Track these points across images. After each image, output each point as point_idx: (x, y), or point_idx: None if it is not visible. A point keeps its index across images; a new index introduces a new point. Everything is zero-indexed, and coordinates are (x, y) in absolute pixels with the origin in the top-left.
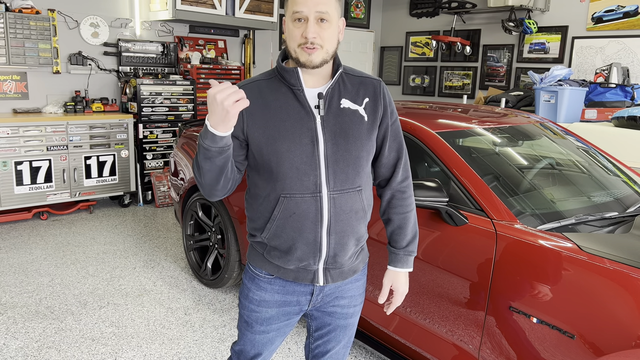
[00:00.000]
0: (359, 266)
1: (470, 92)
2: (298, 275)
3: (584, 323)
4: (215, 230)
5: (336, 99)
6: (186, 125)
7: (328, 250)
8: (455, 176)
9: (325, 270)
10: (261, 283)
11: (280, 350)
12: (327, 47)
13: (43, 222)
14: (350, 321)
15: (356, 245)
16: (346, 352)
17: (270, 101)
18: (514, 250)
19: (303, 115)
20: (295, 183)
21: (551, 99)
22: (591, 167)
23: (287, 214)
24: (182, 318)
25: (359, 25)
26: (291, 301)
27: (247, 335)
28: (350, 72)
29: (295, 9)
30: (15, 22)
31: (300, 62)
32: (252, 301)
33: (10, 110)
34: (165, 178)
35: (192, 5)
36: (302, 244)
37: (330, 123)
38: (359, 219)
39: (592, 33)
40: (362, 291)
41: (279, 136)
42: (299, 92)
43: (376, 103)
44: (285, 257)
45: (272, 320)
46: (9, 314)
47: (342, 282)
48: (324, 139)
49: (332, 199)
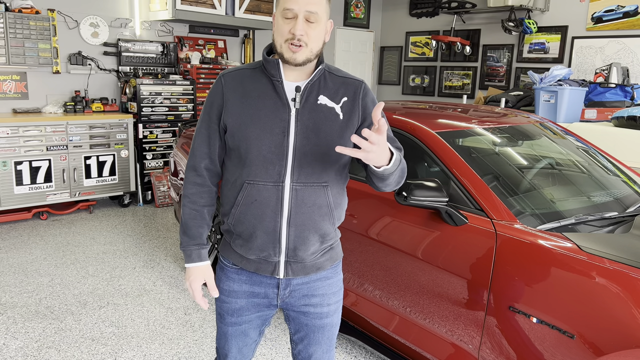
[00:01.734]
0: (325, 264)
1: (470, 92)
2: (259, 267)
3: (583, 323)
4: (215, 230)
5: (314, 95)
6: (186, 125)
7: (288, 242)
8: (455, 176)
9: (286, 263)
10: (229, 273)
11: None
12: (312, 46)
13: (43, 222)
14: (326, 321)
15: (320, 242)
16: (330, 358)
17: (250, 90)
18: (513, 250)
19: (279, 106)
20: (260, 170)
21: (551, 99)
22: (591, 167)
23: (249, 200)
24: (182, 318)
25: (359, 25)
26: (259, 292)
27: (222, 327)
28: (335, 72)
29: (287, 6)
30: (15, 22)
31: (285, 58)
32: (222, 291)
33: (10, 110)
34: (165, 178)
35: (192, 5)
36: (261, 232)
37: (305, 117)
38: (323, 215)
39: (592, 33)
40: (336, 290)
41: (250, 123)
42: (277, 83)
43: (354, 103)
44: (246, 245)
45: (242, 311)
46: (9, 314)
47: (309, 279)
48: (295, 131)
49: (294, 190)
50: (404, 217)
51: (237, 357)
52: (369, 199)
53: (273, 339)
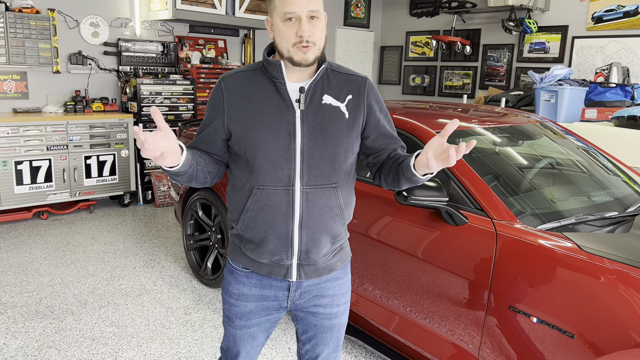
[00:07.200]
0: (337, 265)
1: (470, 91)
2: (272, 270)
3: (584, 323)
4: (215, 229)
5: (318, 95)
6: (186, 125)
7: (300, 246)
8: (455, 176)
9: (298, 266)
10: (239, 277)
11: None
12: (319, 44)
13: (43, 221)
14: (334, 322)
15: (332, 243)
16: (337, 357)
17: (251, 93)
18: (514, 249)
19: (283, 108)
20: (268, 175)
21: (551, 99)
22: (591, 167)
23: (259, 205)
24: (182, 318)
25: (359, 25)
26: (269, 296)
27: (230, 330)
28: (337, 69)
29: (288, 10)
30: (15, 21)
31: (295, 61)
32: (231, 295)
33: (10, 109)
34: (165, 178)
35: (192, 4)
36: (273, 237)
37: (310, 118)
38: (334, 216)
39: (592, 33)
40: (345, 291)
41: (255, 127)
42: (280, 85)
43: (359, 101)
44: (258, 250)
45: (252, 314)
46: (9, 314)
47: (320, 280)
48: (301, 133)
49: (305, 193)
50: (404, 216)
51: (245, 359)
52: (370, 198)
53: (273, 339)
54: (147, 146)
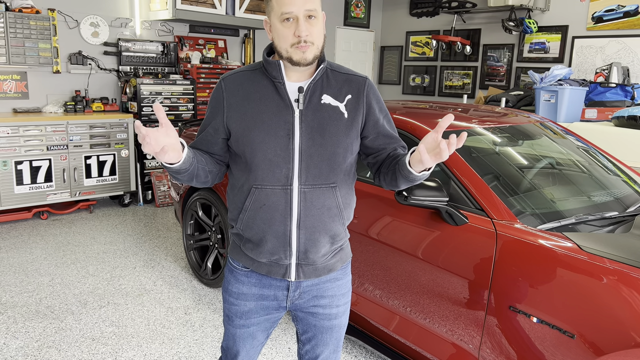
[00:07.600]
0: (336, 265)
1: (470, 91)
2: (271, 269)
3: (584, 323)
4: (215, 229)
5: (317, 95)
6: (186, 125)
7: (298, 245)
8: (456, 176)
9: (297, 266)
10: (239, 276)
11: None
12: (317, 43)
13: (43, 221)
14: (334, 322)
15: (331, 243)
16: (337, 358)
17: (251, 93)
18: (514, 249)
19: (282, 108)
20: (267, 174)
21: (551, 99)
22: (591, 167)
23: (257, 205)
24: (182, 317)
25: (359, 25)
26: (268, 295)
27: (230, 330)
28: (337, 69)
29: (285, 10)
30: (15, 21)
31: (294, 60)
32: (231, 294)
33: (11, 109)
34: (165, 178)
35: (192, 4)
36: (272, 236)
37: (309, 118)
38: (333, 216)
39: (592, 33)
40: (345, 292)
41: (254, 127)
42: (279, 84)
43: (358, 101)
44: (257, 249)
45: (251, 313)
46: (9, 314)
47: (319, 280)
48: (300, 133)
49: (303, 192)
50: (404, 216)
51: (245, 359)
52: (370, 198)
53: (273, 339)
54: (148, 140)
